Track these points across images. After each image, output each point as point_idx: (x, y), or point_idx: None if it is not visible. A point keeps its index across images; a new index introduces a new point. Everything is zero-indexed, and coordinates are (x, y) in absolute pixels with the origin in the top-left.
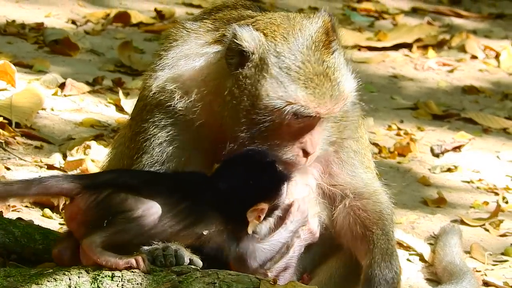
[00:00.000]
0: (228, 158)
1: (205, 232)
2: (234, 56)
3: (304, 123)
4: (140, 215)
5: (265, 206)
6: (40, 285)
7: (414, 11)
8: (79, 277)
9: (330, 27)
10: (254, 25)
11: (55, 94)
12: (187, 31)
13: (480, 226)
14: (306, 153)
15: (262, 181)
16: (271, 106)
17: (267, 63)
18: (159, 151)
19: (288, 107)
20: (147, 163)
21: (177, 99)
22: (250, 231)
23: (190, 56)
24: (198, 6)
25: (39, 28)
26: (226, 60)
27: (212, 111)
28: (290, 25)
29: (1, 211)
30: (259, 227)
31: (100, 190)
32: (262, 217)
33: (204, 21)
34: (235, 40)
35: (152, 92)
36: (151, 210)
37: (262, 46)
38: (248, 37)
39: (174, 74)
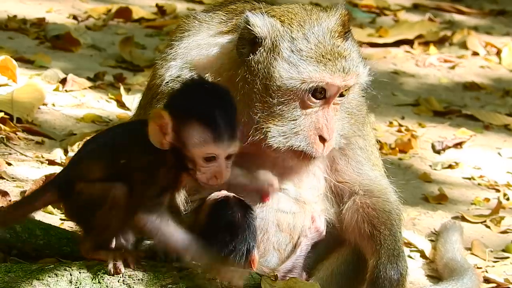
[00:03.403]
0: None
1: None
2: (246, 45)
3: (319, 105)
4: (111, 205)
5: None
6: (41, 281)
7: (416, 7)
8: (80, 272)
9: (346, 20)
10: (269, 13)
11: (56, 89)
12: (199, 21)
13: (481, 222)
14: (322, 140)
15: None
16: (284, 87)
17: (279, 47)
18: None
19: (304, 85)
20: None
21: None
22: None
23: (203, 46)
24: (200, 2)
25: (40, 23)
26: (237, 49)
27: None
28: (307, 15)
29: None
30: None
31: (70, 189)
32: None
33: (217, 12)
34: (248, 26)
35: (165, 81)
36: (116, 196)
37: (275, 31)
38: (261, 23)
39: (188, 63)
